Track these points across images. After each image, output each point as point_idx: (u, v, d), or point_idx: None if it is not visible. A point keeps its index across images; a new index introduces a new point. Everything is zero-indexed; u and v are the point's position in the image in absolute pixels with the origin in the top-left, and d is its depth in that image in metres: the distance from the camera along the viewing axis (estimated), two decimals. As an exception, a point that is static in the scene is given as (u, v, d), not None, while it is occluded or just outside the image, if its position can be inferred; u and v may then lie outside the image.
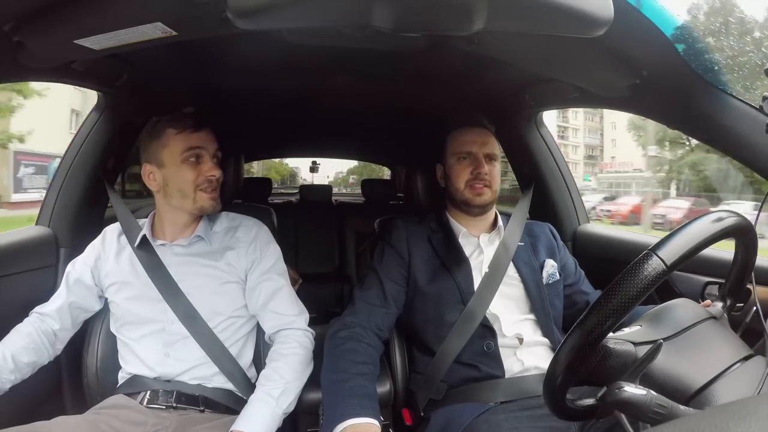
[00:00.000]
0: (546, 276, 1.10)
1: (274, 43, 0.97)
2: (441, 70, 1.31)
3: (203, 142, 1.01)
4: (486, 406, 0.94)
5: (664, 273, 0.52)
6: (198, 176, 0.99)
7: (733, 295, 0.68)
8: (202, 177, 1.00)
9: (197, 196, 1.00)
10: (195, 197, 1.00)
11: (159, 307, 1.00)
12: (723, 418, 0.27)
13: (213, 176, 1.01)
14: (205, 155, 1.01)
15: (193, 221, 1.06)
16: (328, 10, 0.64)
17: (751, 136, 0.79)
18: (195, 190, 1.00)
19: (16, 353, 0.94)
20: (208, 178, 1.00)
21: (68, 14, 0.72)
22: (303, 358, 1.00)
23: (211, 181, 1.01)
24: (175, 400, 0.96)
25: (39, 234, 1.19)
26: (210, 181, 1.01)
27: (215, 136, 1.04)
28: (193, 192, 1.00)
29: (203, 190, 1.00)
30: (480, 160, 1.09)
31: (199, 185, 1.00)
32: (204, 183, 1.00)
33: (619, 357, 0.58)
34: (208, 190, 1.01)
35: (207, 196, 1.01)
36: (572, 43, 0.74)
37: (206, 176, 1.00)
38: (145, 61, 1.09)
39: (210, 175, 1.00)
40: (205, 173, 1.00)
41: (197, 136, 1.00)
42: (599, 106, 1.16)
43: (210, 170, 1.00)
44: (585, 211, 1.55)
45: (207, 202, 1.01)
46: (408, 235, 1.12)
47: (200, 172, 1.00)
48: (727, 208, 0.66)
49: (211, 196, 1.01)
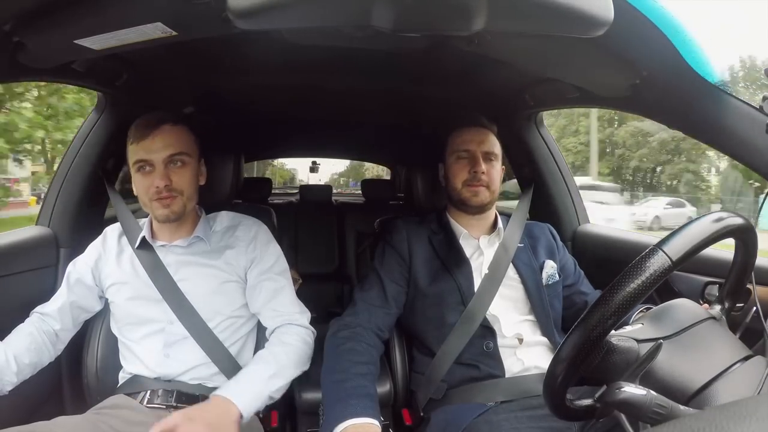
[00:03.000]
0: (546, 277, 1.10)
1: (274, 43, 0.97)
2: (441, 70, 1.31)
3: (148, 153, 0.96)
4: (486, 406, 0.94)
5: (669, 268, 0.52)
6: (149, 187, 0.97)
7: (733, 295, 0.68)
8: (153, 188, 0.97)
9: (152, 206, 0.98)
10: (151, 207, 0.99)
11: (159, 308, 1.00)
12: (723, 418, 0.28)
13: (158, 187, 0.96)
14: (155, 165, 0.96)
15: (185, 222, 1.06)
16: (328, 10, 0.64)
17: (751, 136, 0.79)
18: (149, 201, 0.98)
19: (18, 354, 0.94)
20: (155, 188, 0.96)
21: (68, 14, 0.72)
22: (301, 351, 0.99)
23: (159, 191, 0.96)
24: (175, 400, 0.96)
25: (39, 234, 1.19)
26: (158, 191, 0.96)
27: (181, 131, 1.00)
28: (149, 202, 0.98)
29: (155, 200, 0.97)
30: (477, 158, 1.09)
31: (151, 196, 0.97)
32: (153, 193, 0.97)
33: (622, 353, 0.58)
34: (160, 199, 0.97)
35: (158, 205, 0.97)
36: (572, 43, 0.74)
37: (155, 187, 0.96)
38: (145, 61, 1.09)
39: (156, 185, 0.96)
40: (155, 184, 0.96)
41: (143, 146, 0.96)
42: (599, 106, 1.16)
43: (159, 180, 0.96)
44: (585, 211, 1.55)
45: (159, 211, 0.98)
46: (409, 236, 1.12)
47: (151, 182, 0.97)
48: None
49: (162, 204, 0.97)
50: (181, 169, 0.99)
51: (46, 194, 1.28)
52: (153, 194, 0.97)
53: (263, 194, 2.40)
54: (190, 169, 1.01)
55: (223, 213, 1.13)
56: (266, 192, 2.44)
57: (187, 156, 1.00)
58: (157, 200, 0.97)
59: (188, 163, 1.01)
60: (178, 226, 1.05)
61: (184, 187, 0.99)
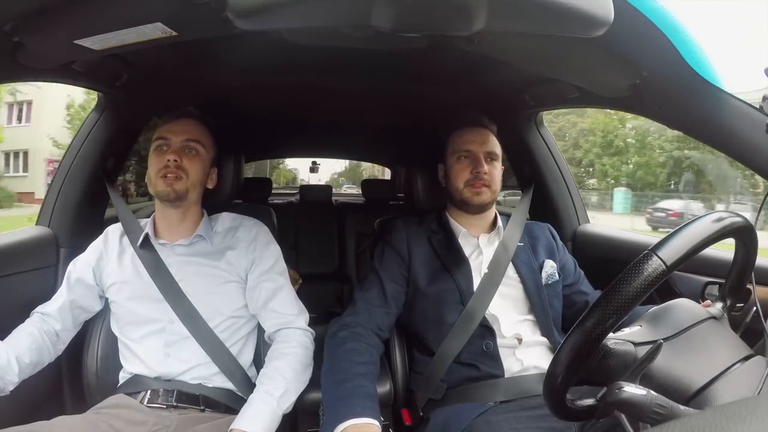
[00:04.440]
0: (545, 276, 1.10)
1: (273, 43, 0.97)
2: (441, 70, 1.31)
3: (170, 132, 1.03)
4: (485, 406, 0.94)
5: (664, 273, 0.52)
6: (160, 163, 1.01)
7: (733, 295, 0.68)
8: (163, 163, 1.00)
9: (156, 183, 1.01)
10: (155, 184, 1.01)
11: (160, 307, 1.00)
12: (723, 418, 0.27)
13: (168, 160, 1.00)
14: (171, 144, 1.02)
15: (186, 219, 1.06)
16: (328, 10, 0.64)
17: (751, 136, 0.79)
18: (156, 177, 1.01)
19: (19, 354, 0.94)
20: (165, 162, 1.00)
21: (68, 14, 0.72)
22: (303, 358, 1.00)
23: (167, 167, 1.00)
24: (175, 400, 0.96)
25: (39, 234, 1.19)
26: (167, 167, 1.00)
27: (202, 129, 1.06)
28: (155, 179, 1.01)
29: (162, 176, 1.00)
30: (479, 159, 1.09)
31: (159, 172, 1.01)
32: (161, 168, 1.00)
33: (619, 357, 0.58)
34: (167, 176, 1.00)
35: (162, 182, 1.00)
36: (572, 43, 0.74)
37: (164, 161, 1.00)
38: (145, 61, 1.09)
39: (166, 160, 1.00)
40: (166, 158, 1.01)
41: (167, 127, 1.04)
42: (599, 106, 1.16)
43: (170, 154, 1.00)
44: (585, 211, 1.55)
45: (161, 187, 1.01)
46: (408, 236, 1.12)
47: (163, 159, 1.01)
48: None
49: (166, 182, 1.00)
50: (194, 157, 1.04)
51: (46, 194, 1.28)
52: (161, 169, 1.00)
53: (263, 194, 2.41)
54: (202, 161, 1.06)
55: (224, 214, 1.13)
56: (266, 192, 2.44)
57: (201, 147, 1.06)
58: (163, 177, 1.00)
59: (201, 155, 1.06)
60: (180, 223, 1.06)
61: (191, 171, 1.03)
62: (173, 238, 1.05)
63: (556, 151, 1.52)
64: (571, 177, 1.55)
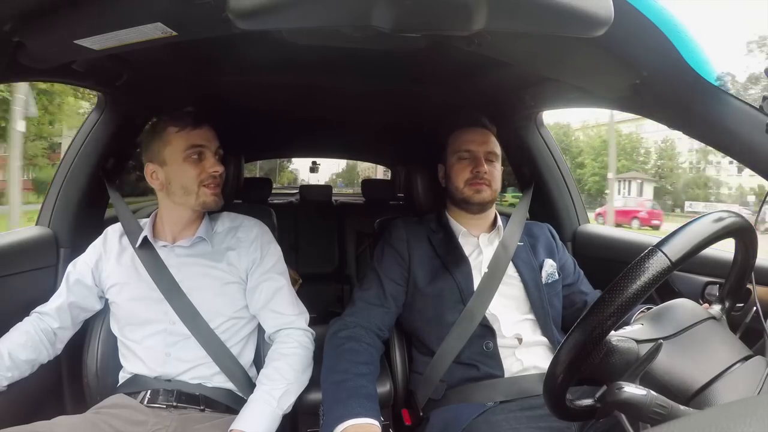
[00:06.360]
0: (545, 276, 1.10)
1: (273, 43, 0.97)
2: (441, 71, 1.31)
3: (204, 140, 1.01)
4: (485, 406, 0.94)
5: (668, 269, 0.52)
6: (201, 173, 1.00)
7: (733, 295, 0.68)
8: (205, 173, 1.01)
9: (200, 192, 1.01)
10: (198, 193, 1.01)
11: (161, 308, 1.00)
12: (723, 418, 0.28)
13: (216, 172, 1.02)
14: (207, 152, 1.02)
15: (195, 220, 1.06)
16: (328, 10, 0.64)
17: (751, 136, 0.79)
18: (198, 186, 1.01)
19: (13, 350, 0.94)
20: (212, 174, 1.01)
21: (68, 14, 0.72)
22: (303, 358, 1.00)
23: (214, 177, 1.02)
24: (175, 400, 0.96)
25: (39, 234, 1.19)
26: (213, 177, 1.01)
27: (216, 133, 1.05)
28: (197, 188, 1.01)
29: (206, 186, 1.01)
30: (480, 159, 1.10)
31: (202, 181, 1.01)
32: (207, 179, 1.01)
33: (621, 354, 0.58)
34: (211, 186, 1.02)
35: (209, 192, 1.02)
36: (572, 43, 0.74)
37: (209, 172, 1.01)
38: (145, 61, 1.09)
39: (213, 171, 1.01)
40: (208, 169, 1.01)
41: (198, 134, 1.01)
42: (599, 106, 1.16)
43: (213, 166, 1.01)
44: (585, 211, 1.55)
45: (209, 198, 1.02)
46: (408, 235, 1.12)
47: (203, 168, 1.01)
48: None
49: (213, 192, 1.02)
50: (221, 165, 1.04)
51: (46, 194, 1.28)
52: (206, 178, 1.01)
53: (263, 194, 2.41)
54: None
55: (224, 214, 1.13)
56: (266, 192, 2.44)
57: (221, 152, 1.06)
58: (209, 186, 1.01)
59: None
60: (184, 227, 1.06)
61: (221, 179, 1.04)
62: (174, 240, 1.05)
63: (556, 151, 1.52)
64: (571, 177, 1.55)
